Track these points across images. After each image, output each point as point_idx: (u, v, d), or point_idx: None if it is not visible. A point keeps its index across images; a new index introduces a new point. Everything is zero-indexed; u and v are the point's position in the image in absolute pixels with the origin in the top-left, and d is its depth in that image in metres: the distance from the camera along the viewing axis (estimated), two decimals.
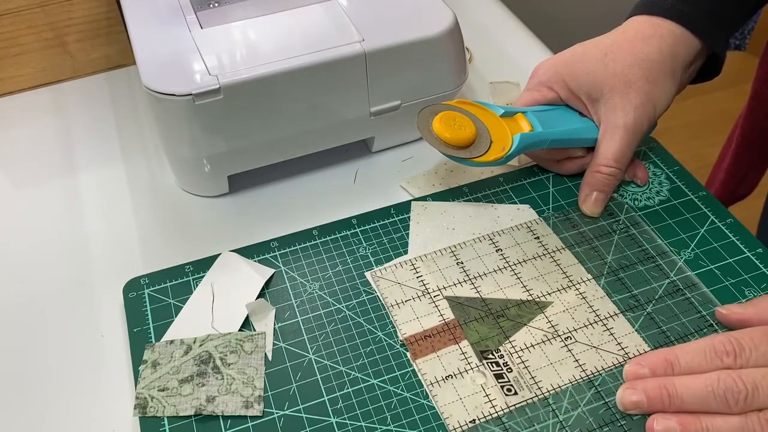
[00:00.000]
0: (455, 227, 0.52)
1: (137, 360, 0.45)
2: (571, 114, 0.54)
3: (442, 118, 0.50)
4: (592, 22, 1.67)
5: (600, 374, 0.43)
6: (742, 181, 0.84)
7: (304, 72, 0.50)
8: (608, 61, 0.51)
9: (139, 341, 0.46)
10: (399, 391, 0.43)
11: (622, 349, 0.44)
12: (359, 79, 0.53)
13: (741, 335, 0.41)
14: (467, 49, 0.60)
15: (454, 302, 0.47)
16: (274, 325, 0.47)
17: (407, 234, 0.52)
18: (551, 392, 0.43)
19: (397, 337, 0.46)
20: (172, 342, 0.46)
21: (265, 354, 0.45)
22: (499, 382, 0.43)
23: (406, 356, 0.45)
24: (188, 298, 0.48)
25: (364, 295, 0.48)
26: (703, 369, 0.40)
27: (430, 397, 0.43)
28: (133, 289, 0.49)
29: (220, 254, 0.51)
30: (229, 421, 0.42)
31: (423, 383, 0.43)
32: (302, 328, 0.47)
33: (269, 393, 0.43)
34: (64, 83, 0.68)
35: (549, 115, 0.53)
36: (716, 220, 0.52)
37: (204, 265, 0.50)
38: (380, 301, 0.48)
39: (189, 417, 0.42)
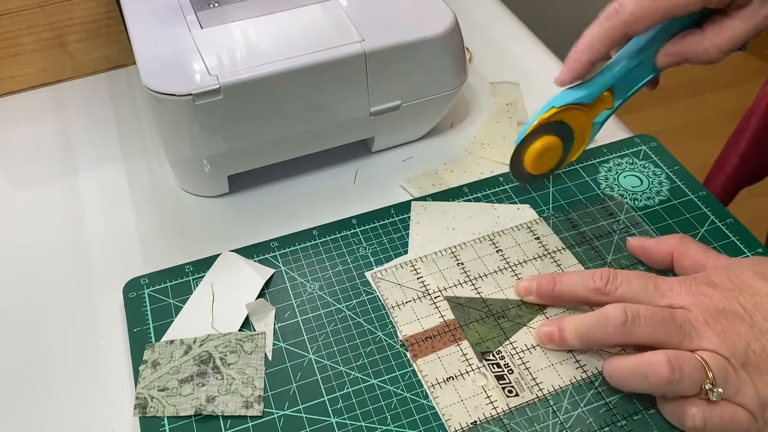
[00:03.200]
0: (455, 227, 0.52)
1: (137, 360, 0.45)
2: (647, 58, 0.47)
3: (535, 159, 0.49)
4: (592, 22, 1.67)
5: (600, 374, 0.43)
6: (761, 163, 0.82)
7: (304, 72, 0.50)
8: None
9: (139, 341, 0.46)
10: (399, 391, 0.43)
11: (623, 350, 0.44)
12: (359, 79, 0.53)
13: (620, 271, 0.44)
14: (467, 49, 0.60)
15: (455, 303, 0.47)
16: (274, 325, 0.47)
17: (407, 234, 0.52)
18: (552, 393, 0.43)
19: (397, 337, 0.46)
20: (172, 342, 0.46)
21: (265, 354, 0.45)
22: (500, 384, 0.43)
23: (406, 356, 0.45)
24: (188, 298, 0.48)
25: (364, 295, 0.48)
26: (578, 286, 0.45)
27: (431, 398, 0.43)
28: (133, 289, 0.49)
29: (220, 254, 0.51)
30: (229, 421, 0.42)
31: (423, 384, 0.43)
32: (302, 328, 0.47)
33: (269, 393, 0.43)
34: (64, 83, 0.68)
35: (631, 73, 0.47)
36: (716, 220, 0.52)
37: (204, 265, 0.50)
38: (380, 301, 0.48)
39: (189, 417, 0.42)
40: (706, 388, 0.39)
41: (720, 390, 0.39)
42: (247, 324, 0.47)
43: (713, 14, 0.44)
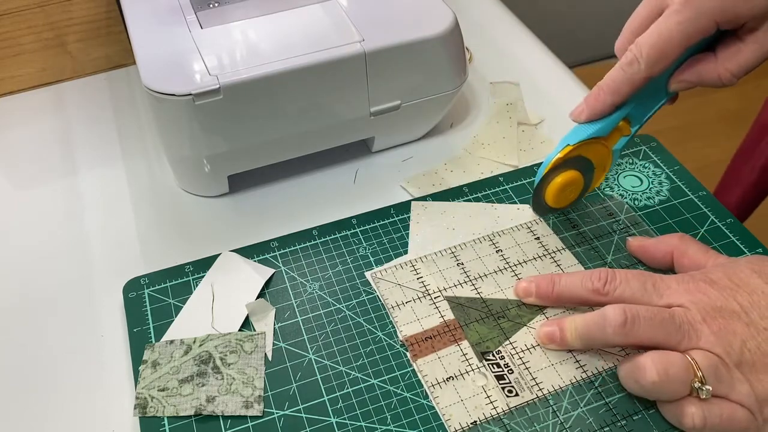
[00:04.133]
0: (455, 227, 0.52)
1: (137, 360, 0.45)
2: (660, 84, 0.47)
3: (556, 195, 0.49)
4: (592, 22, 1.67)
5: (600, 374, 0.43)
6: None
7: (304, 72, 0.50)
8: None
9: (139, 341, 0.46)
10: (399, 391, 0.43)
11: (623, 349, 0.44)
12: (359, 79, 0.53)
13: (618, 270, 0.45)
14: (467, 49, 0.60)
15: (455, 303, 0.47)
16: (274, 325, 0.47)
17: (407, 234, 0.52)
18: (552, 393, 0.43)
19: (397, 337, 0.46)
20: (172, 342, 0.46)
21: (265, 354, 0.45)
22: (500, 384, 0.43)
23: (406, 356, 0.45)
24: (188, 298, 0.48)
25: (364, 295, 0.48)
26: (577, 286, 0.45)
27: (431, 398, 0.43)
28: (133, 289, 0.49)
29: (220, 254, 0.51)
30: (229, 421, 0.42)
31: (423, 384, 0.43)
32: (302, 328, 0.47)
33: (269, 393, 0.43)
34: (64, 83, 0.68)
35: (645, 100, 0.47)
36: (716, 220, 0.52)
37: (204, 265, 0.50)
38: (380, 301, 0.48)
39: (189, 417, 0.42)
40: (695, 387, 0.39)
41: (709, 388, 0.39)
42: (247, 324, 0.47)
43: (725, 35, 0.44)
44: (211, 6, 0.56)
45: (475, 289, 0.48)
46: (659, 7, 0.44)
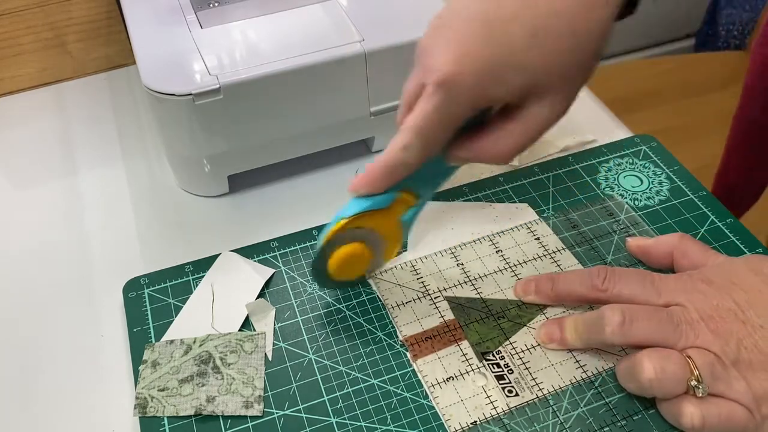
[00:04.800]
0: (455, 227, 0.52)
1: (137, 360, 0.45)
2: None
3: (339, 269, 0.45)
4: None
5: (600, 374, 0.43)
6: (749, 182, 0.82)
7: (304, 72, 0.50)
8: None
9: (139, 341, 0.46)
10: (399, 391, 0.43)
11: (623, 349, 0.44)
12: (359, 79, 0.53)
13: (617, 268, 0.45)
14: None
15: (455, 303, 0.47)
16: (274, 325, 0.47)
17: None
18: (552, 393, 0.43)
19: (397, 337, 0.46)
20: (172, 342, 0.46)
21: (265, 354, 0.45)
22: (500, 384, 0.43)
23: (406, 356, 0.45)
24: (188, 298, 0.48)
25: (364, 295, 0.48)
26: (575, 284, 0.45)
27: (431, 398, 0.43)
28: (133, 289, 0.49)
29: (220, 254, 0.51)
30: (229, 421, 0.42)
31: (423, 384, 0.43)
32: (302, 328, 0.47)
33: (269, 393, 0.43)
34: (64, 83, 0.68)
35: (422, 173, 0.42)
36: (716, 220, 0.52)
37: (204, 265, 0.50)
38: (380, 301, 0.48)
39: (189, 417, 0.42)
40: (692, 385, 0.39)
41: (705, 386, 0.39)
42: (247, 324, 0.47)
43: (493, 113, 0.41)
44: (211, 6, 0.56)
45: (475, 289, 0.48)
46: (421, 83, 0.39)
